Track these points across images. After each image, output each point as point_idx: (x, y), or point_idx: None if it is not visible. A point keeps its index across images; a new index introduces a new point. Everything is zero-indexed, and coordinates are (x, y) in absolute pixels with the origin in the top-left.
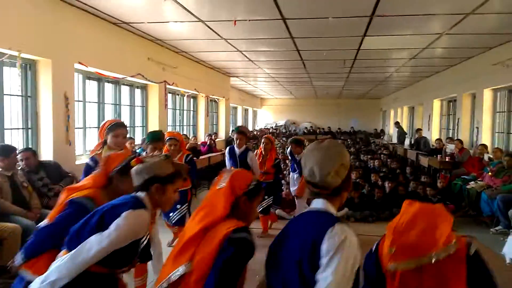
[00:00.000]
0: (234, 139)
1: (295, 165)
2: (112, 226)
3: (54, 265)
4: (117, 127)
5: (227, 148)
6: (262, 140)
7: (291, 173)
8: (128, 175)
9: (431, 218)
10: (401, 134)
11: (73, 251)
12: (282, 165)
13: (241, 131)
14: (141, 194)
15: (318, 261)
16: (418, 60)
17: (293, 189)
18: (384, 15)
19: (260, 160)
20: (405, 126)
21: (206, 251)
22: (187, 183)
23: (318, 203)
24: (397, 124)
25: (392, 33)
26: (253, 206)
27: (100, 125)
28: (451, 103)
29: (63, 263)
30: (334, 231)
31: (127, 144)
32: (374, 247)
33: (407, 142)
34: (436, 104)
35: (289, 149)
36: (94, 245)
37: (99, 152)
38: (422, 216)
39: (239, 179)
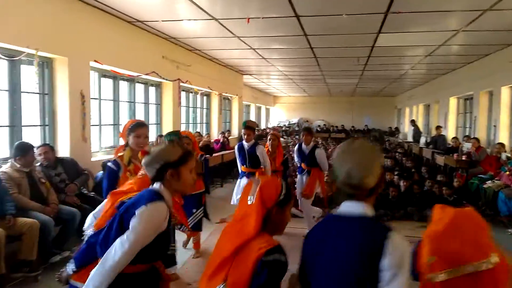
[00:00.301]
0: (242, 134)
1: (301, 159)
2: (130, 227)
3: (89, 277)
4: (138, 127)
5: (236, 144)
6: (268, 137)
7: (298, 175)
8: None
9: (470, 225)
10: (416, 133)
11: (101, 260)
12: (290, 164)
13: (248, 126)
14: (156, 185)
15: (377, 273)
16: (434, 57)
17: (299, 190)
18: (399, 11)
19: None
20: (420, 124)
21: (239, 274)
22: (201, 186)
23: (355, 207)
24: (412, 122)
25: (407, 30)
26: (285, 214)
27: (123, 126)
28: (467, 101)
29: (95, 273)
30: (393, 244)
31: None
32: (412, 249)
33: (422, 140)
34: (453, 102)
35: (296, 146)
36: (118, 249)
37: (121, 154)
38: (460, 223)
39: (269, 191)
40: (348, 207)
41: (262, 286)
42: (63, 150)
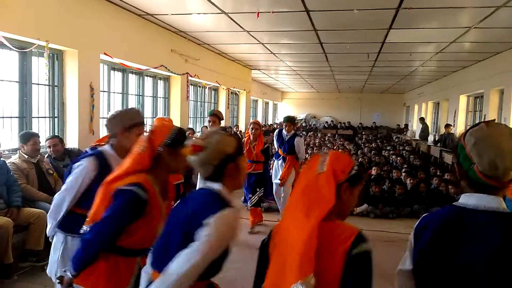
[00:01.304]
0: (208, 121)
1: (280, 144)
2: (201, 239)
3: None
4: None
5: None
6: (251, 126)
7: (275, 160)
8: (179, 149)
9: None
10: (423, 131)
11: (162, 275)
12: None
13: (215, 113)
14: (215, 186)
15: None
16: (444, 54)
17: (276, 181)
18: (411, 7)
19: (247, 148)
20: (429, 122)
21: (327, 269)
22: (179, 177)
23: (492, 200)
24: (421, 120)
25: (418, 26)
26: (355, 194)
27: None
28: (477, 99)
29: None
30: None
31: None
32: None
33: (431, 138)
34: (462, 99)
35: (277, 131)
36: (186, 262)
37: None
38: None
39: (340, 162)
40: (484, 200)
41: (358, 283)
42: (72, 142)
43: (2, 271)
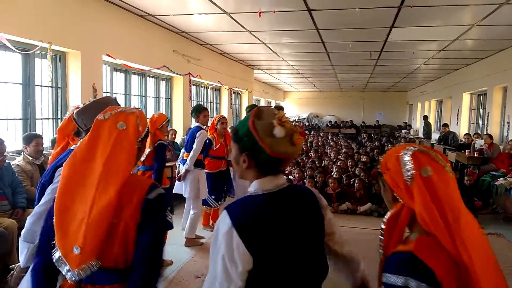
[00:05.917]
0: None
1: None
2: None
3: None
4: None
5: (202, 132)
6: (220, 121)
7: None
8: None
9: None
10: (425, 129)
11: None
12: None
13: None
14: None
15: None
16: (447, 52)
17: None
18: (413, 5)
19: (219, 144)
20: (432, 120)
21: (127, 218)
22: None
23: None
24: (425, 118)
25: (420, 24)
26: (145, 146)
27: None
28: (481, 97)
29: None
30: None
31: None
32: None
33: (435, 136)
34: (466, 97)
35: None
36: None
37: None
38: None
39: (141, 119)
40: None
41: (156, 221)
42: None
43: (7, 273)
